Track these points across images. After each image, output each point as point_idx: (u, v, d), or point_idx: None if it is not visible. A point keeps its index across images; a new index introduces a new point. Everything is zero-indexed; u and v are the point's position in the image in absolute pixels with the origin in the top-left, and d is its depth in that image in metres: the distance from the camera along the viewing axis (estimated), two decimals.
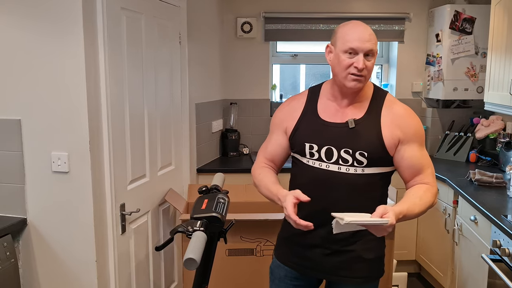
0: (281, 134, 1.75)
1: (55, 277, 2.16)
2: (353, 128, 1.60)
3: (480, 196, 2.65)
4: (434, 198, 1.60)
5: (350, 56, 1.55)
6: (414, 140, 1.61)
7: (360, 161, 1.59)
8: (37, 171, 2.09)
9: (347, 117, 1.63)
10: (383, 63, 4.24)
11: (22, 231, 2.14)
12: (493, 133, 3.50)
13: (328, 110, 1.67)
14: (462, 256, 2.86)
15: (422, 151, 1.63)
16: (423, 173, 1.62)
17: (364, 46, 1.54)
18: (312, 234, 1.64)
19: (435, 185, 1.63)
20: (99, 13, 2.06)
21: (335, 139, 1.61)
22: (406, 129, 1.61)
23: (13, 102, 2.07)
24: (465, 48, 3.62)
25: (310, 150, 1.65)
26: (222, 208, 1.25)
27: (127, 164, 2.35)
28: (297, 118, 1.70)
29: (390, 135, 1.59)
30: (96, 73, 2.08)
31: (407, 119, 1.63)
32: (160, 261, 2.80)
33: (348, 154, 1.60)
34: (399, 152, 1.60)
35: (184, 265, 1.05)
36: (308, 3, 3.93)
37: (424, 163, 1.62)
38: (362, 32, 1.55)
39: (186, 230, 1.14)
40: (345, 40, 1.56)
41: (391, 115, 1.62)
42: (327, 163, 1.62)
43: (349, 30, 1.57)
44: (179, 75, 2.95)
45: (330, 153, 1.62)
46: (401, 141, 1.60)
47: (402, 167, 1.63)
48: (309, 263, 1.71)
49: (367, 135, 1.59)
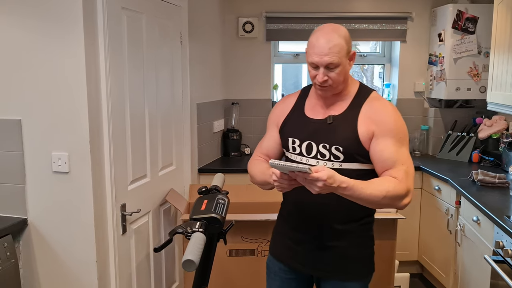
0: (275, 129, 1.83)
1: (55, 277, 2.16)
2: (331, 123, 1.66)
3: (483, 197, 2.63)
4: (400, 191, 1.54)
5: (314, 69, 1.63)
6: (388, 135, 1.60)
7: (336, 155, 1.63)
8: (37, 171, 2.09)
9: (327, 114, 1.70)
10: (386, 63, 4.22)
11: (22, 231, 2.14)
12: (496, 133, 3.48)
13: (314, 108, 1.75)
14: (464, 257, 2.84)
15: (397, 147, 1.60)
16: (394, 168, 1.58)
17: (322, 61, 1.58)
18: (302, 228, 1.74)
19: (405, 182, 1.56)
20: (99, 13, 2.05)
21: (314, 134, 1.68)
22: (381, 123, 1.61)
23: (14, 102, 2.07)
24: (467, 48, 3.61)
25: (293, 145, 1.74)
26: (221, 209, 1.24)
27: (128, 164, 2.35)
28: (286, 114, 1.80)
29: (366, 129, 1.61)
30: (97, 73, 2.07)
31: (384, 115, 1.63)
32: (161, 262, 2.79)
33: (325, 149, 1.66)
34: (372, 145, 1.61)
35: (183, 266, 1.04)
36: (310, 2, 3.92)
37: (397, 158, 1.58)
38: (322, 46, 1.58)
39: (185, 231, 1.13)
40: (308, 53, 1.63)
41: (369, 110, 1.65)
42: (307, 158, 1.70)
43: (312, 42, 1.61)
44: (180, 75, 2.94)
45: (310, 148, 1.69)
46: (375, 135, 1.61)
47: (375, 160, 1.62)
48: (298, 257, 1.77)
49: (343, 130, 1.64)
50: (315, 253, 1.73)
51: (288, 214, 1.81)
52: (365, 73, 4.60)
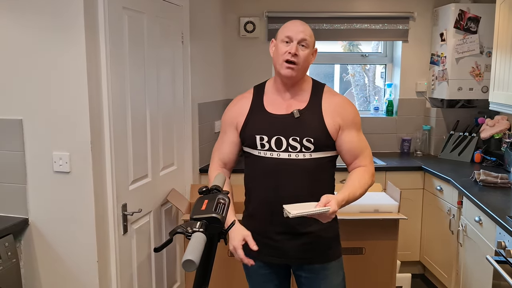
0: (233, 131, 1.87)
1: (56, 277, 2.16)
2: (298, 117, 1.76)
3: (485, 197, 2.62)
4: (372, 177, 1.80)
5: (286, 44, 1.73)
6: (352, 126, 1.80)
7: (307, 147, 1.75)
8: (38, 171, 2.09)
9: (291, 108, 1.79)
10: (387, 63, 4.21)
11: (23, 231, 2.14)
12: (498, 133, 3.47)
13: (274, 104, 1.82)
14: (466, 257, 2.83)
15: (359, 136, 1.82)
16: (361, 156, 1.80)
17: (297, 35, 1.72)
18: (273, 223, 1.79)
19: (372, 166, 1.83)
20: (100, 13, 2.05)
21: (283, 129, 1.76)
22: (345, 116, 1.79)
23: (15, 102, 2.07)
24: (469, 48, 3.60)
25: (261, 142, 1.78)
26: (222, 209, 1.23)
27: (129, 164, 2.35)
28: (246, 114, 1.84)
29: (332, 122, 1.77)
30: (98, 73, 2.07)
31: (346, 107, 1.82)
32: (162, 262, 2.79)
33: (296, 142, 1.75)
34: (340, 137, 1.78)
35: (183, 266, 1.03)
36: (311, 2, 3.91)
37: (362, 146, 1.81)
38: (297, 25, 1.76)
39: (186, 231, 1.12)
40: (283, 31, 1.76)
41: (331, 104, 1.80)
42: (278, 152, 1.77)
43: (287, 24, 1.78)
44: (182, 74, 2.94)
45: (280, 142, 1.76)
46: (341, 127, 1.78)
47: (343, 151, 1.80)
48: (276, 251, 1.82)
49: (312, 123, 1.76)
50: (293, 243, 1.80)
51: (258, 212, 1.84)
52: (367, 73, 4.59)
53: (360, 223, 2.49)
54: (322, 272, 1.84)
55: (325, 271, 1.84)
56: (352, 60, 4.36)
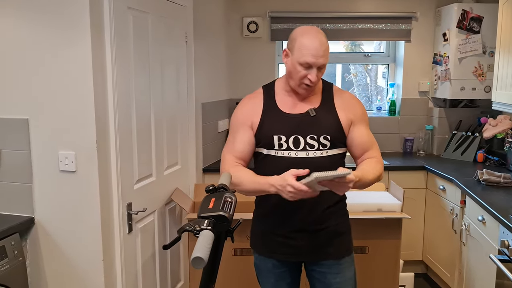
0: (247, 130, 1.83)
1: (62, 275, 2.17)
2: (314, 116, 1.78)
3: (488, 196, 2.63)
4: (382, 168, 1.83)
5: (305, 68, 1.70)
6: (362, 121, 1.85)
7: (324, 144, 1.78)
8: (44, 170, 2.10)
9: (305, 108, 1.80)
10: (390, 63, 4.22)
11: (29, 230, 2.15)
12: (501, 133, 3.48)
13: (287, 104, 1.82)
14: (469, 257, 2.84)
15: (368, 130, 1.87)
16: (371, 149, 1.84)
17: (318, 62, 1.69)
18: (288, 221, 1.80)
19: (381, 158, 1.87)
20: (106, 13, 2.07)
21: (300, 128, 1.77)
22: (356, 111, 1.84)
23: (21, 101, 2.08)
24: (472, 47, 3.60)
25: (279, 141, 1.78)
26: (229, 207, 1.25)
27: (134, 163, 2.36)
28: (260, 114, 1.82)
29: (345, 117, 1.81)
30: (103, 72, 2.08)
31: (355, 103, 1.87)
32: (167, 261, 2.80)
33: (313, 140, 1.77)
34: (351, 132, 1.82)
35: (192, 264, 1.04)
36: (314, 2, 3.92)
37: (371, 140, 1.86)
38: (318, 48, 1.68)
39: (194, 229, 1.14)
40: (301, 53, 1.69)
41: (342, 101, 1.84)
42: (296, 151, 1.77)
43: (306, 43, 1.69)
44: (186, 74, 2.95)
45: (297, 141, 1.77)
46: (353, 122, 1.82)
47: (354, 145, 1.84)
48: (291, 250, 1.83)
49: (328, 120, 1.79)
50: (308, 241, 1.82)
51: (274, 211, 1.83)
52: (369, 73, 4.60)
53: (364, 222, 2.50)
54: (335, 267, 1.86)
55: (339, 265, 1.86)
56: (354, 60, 4.37)
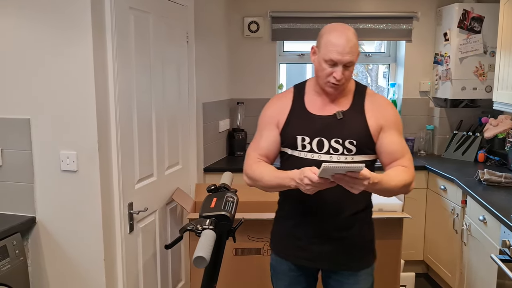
0: (274, 129, 1.79)
1: (63, 275, 2.17)
2: (341, 119, 1.70)
3: (489, 196, 2.63)
4: (411, 179, 1.69)
5: (330, 66, 1.64)
6: (394, 127, 1.74)
7: (349, 149, 1.69)
8: (46, 170, 2.11)
9: (333, 110, 1.73)
10: (391, 63, 4.22)
11: (31, 229, 2.16)
12: (502, 133, 3.47)
13: (315, 105, 1.76)
14: (470, 257, 2.84)
15: (400, 138, 1.76)
16: (402, 158, 1.72)
17: (343, 59, 1.62)
18: (307, 225, 1.75)
19: (413, 170, 1.73)
20: (107, 13, 2.07)
21: (325, 130, 1.70)
22: (387, 117, 1.74)
23: (22, 101, 2.08)
24: (473, 47, 3.60)
25: (302, 142, 1.72)
26: (231, 206, 1.25)
27: (135, 163, 2.36)
28: (287, 113, 1.77)
29: (375, 123, 1.71)
30: (105, 72, 2.08)
31: (388, 109, 1.76)
32: (168, 260, 2.80)
33: (338, 144, 1.69)
34: (381, 138, 1.72)
35: (194, 263, 1.05)
36: (315, 2, 3.92)
37: (403, 149, 1.74)
38: (344, 45, 1.61)
39: (196, 229, 1.14)
40: (327, 50, 1.63)
41: (374, 105, 1.75)
42: (319, 154, 1.70)
43: (332, 39, 1.63)
44: (187, 74, 2.95)
45: (321, 144, 1.71)
46: (383, 128, 1.72)
47: (383, 153, 1.73)
48: (308, 254, 1.78)
49: (355, 124, 1.71)
50: (327, 248, 1.75)
51: (293, 214, 1.80)
52: (370, 72, 4.60)
53: None
54: (352, 278, 1.80)
55: (356, 277, 1.80)
56: None
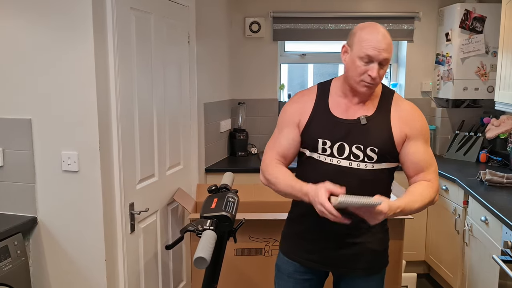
0: (294, 128, 1.72)
1: (65, 275, 2.17)
2: (365, 124, 1.63)
3: (491, 197, 2.62)
4: (435, 194, 1.65)
5: (365, 63, 1.56)
6: (420, 136, 1.66)
7: (370, 157, 1.63)
8: (47, 170, 2.11)
9: (358, 114, 1.66)
10: (392, 63, 4.21)
11: (32, 229, 2.16)
12: (504, 133, 3.46)
13: (339, 107, 1.69)
14: (472, 257, 2.83)
15: (426, 148, 1.68)
16: (427, 170, 1.66)
17: (380, 56, 1.54)
18: (323, 228, 1.69)
19: (437, 182, 1.68)
20: (108, 13, 2.07)
21: (347, 135, 1.64)
22: (413, 125, 1.66)
23: (24, 101, 2.09)
24: (475, 47, 3.59)
25: (323, 146, 1.67)
26: (231, 207, 1.25)
27: (136, 163, 2.36)
28: (309, 113, 1.70)
29: (399, 131, 1.65)
30: (106, 73, 2.09)
31: (415, 116, 1.68)
32: (169, 261, 2.80)
33: (359, 150, 1.63)
34: (405, 148, 1.65)
35: (194, 264, 1.05)
36: (317, 2, 3.92)
37: (428, 159, 1.67)
38: (380, 41, 1.54)
39: (196, 229, 1.14)
40: (362, 46, 1.55)
41: (400, 112, 1.67)
42: (339, 159, 1.65)
43: (367, 36, 1.55)
44: (188, 74, 2.95)
45: (342, 149, 1.65)
46: (408, 137, 1.65)
47: (407, 163, 1.67)
48: (318, 257, 1.74)
49: (378, 132, 1.64)
50: (339, 252, 1.72)
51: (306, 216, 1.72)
52: None
53: None
54: (363, 284, 1.77)
55: (367, 283, 1.77)
56: None
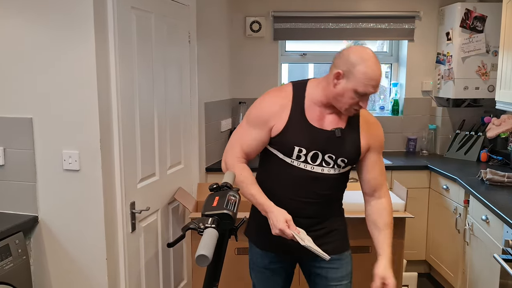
0: (266, 131, 1.76)
1: (66, 274, 2.17)
2: (339, 137, 1.75)
3: (492, 196, 2.62)
4: (391, 211, 1.86)
5: (359, 96, 1.67)
6: (379, 150, 1.86)
7: (339, 165, 1.79)
8: (48, 169, 2.11)
9: (331, 124, 1.76)
10: (393, 62, 4.21)
11: (33, 228, 2.16)
12: (505, 132, 3.47)
13: (314, 114, 1.76)
14: (473, 256, 2.83)
15: (382, 160, 1.89)
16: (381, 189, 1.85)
17: (375, 91, 1.68)
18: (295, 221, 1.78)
19: (389, 197, 1.88)
20: (109, 12, 2.07)
21: (322, 145, 1.74)
22: (376, 138, 1.84)
23: (25, 100, 2.09)
24: (476, 47, 3.59)
25: (298, 153, 1.75)
26: (233, 205, 1.25)
27: (137, 162, 2.36)
28: (285, 120, 1.75)
29: (366, 143, 1.80)
30: (107, 72, 2.09)
31: (379, 131, 1.87)
32: (170, 260, 2.80)
33: (330, 159, 1.76)
34: (366, 159, 1.83)
35: (196, 261, 1.05)
36: (317, 2, 3.92)
37: (382, 174, 1.88)
38: (378, 79, 1.65)
39: (198, 227, 1.14)
40: (362, 83, 1.63)
41: (367, 124, 1.82)
42: (312, 165, 1.76)
43: (370, 72, 1.62)
44: (189, 74, 2.95)
45: (316, 157, 1.76)
46: (370, 148, 1.82)
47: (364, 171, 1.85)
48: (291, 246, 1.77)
49: (350, 144, 1.78)
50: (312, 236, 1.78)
51: None
52: None
53: None
54: (337, 262, 1.86)
55: (340, 260, 1.87)
56: None
